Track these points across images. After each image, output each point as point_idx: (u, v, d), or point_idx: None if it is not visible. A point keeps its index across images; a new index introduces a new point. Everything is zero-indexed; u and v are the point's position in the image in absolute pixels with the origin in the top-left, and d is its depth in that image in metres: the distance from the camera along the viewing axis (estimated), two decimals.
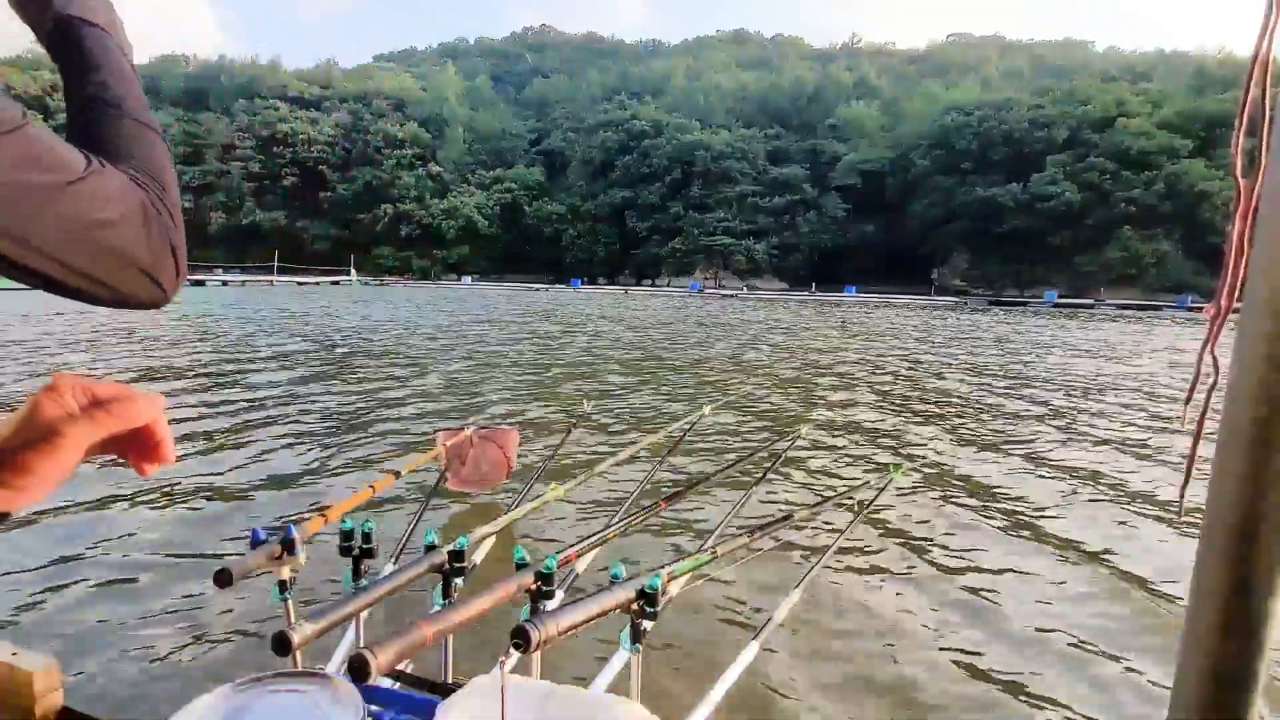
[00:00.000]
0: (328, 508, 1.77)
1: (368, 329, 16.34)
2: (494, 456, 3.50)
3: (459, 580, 1.45)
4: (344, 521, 1.48)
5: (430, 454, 3.21)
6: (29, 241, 0.49)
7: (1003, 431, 6.51)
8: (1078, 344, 17.27)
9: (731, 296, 52.30)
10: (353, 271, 59.56)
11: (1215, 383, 0.51)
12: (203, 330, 14.99)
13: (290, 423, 6.08)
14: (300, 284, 50.95)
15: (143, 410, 0.54)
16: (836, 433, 6.23)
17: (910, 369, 11.30)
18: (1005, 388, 9.44)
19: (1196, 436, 0.52)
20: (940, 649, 2.63)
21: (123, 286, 0.57)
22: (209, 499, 4.04)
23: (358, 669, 0.88)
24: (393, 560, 1.88)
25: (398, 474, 2.51)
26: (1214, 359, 0.51)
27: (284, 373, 9.07)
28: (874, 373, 10.72)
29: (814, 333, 19.01)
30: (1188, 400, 0.54)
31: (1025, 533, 3.86)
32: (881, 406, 7.69)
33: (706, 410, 4.26)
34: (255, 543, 1.36)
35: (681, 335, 16.98)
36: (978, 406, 7.84)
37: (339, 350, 11.90)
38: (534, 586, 1.25)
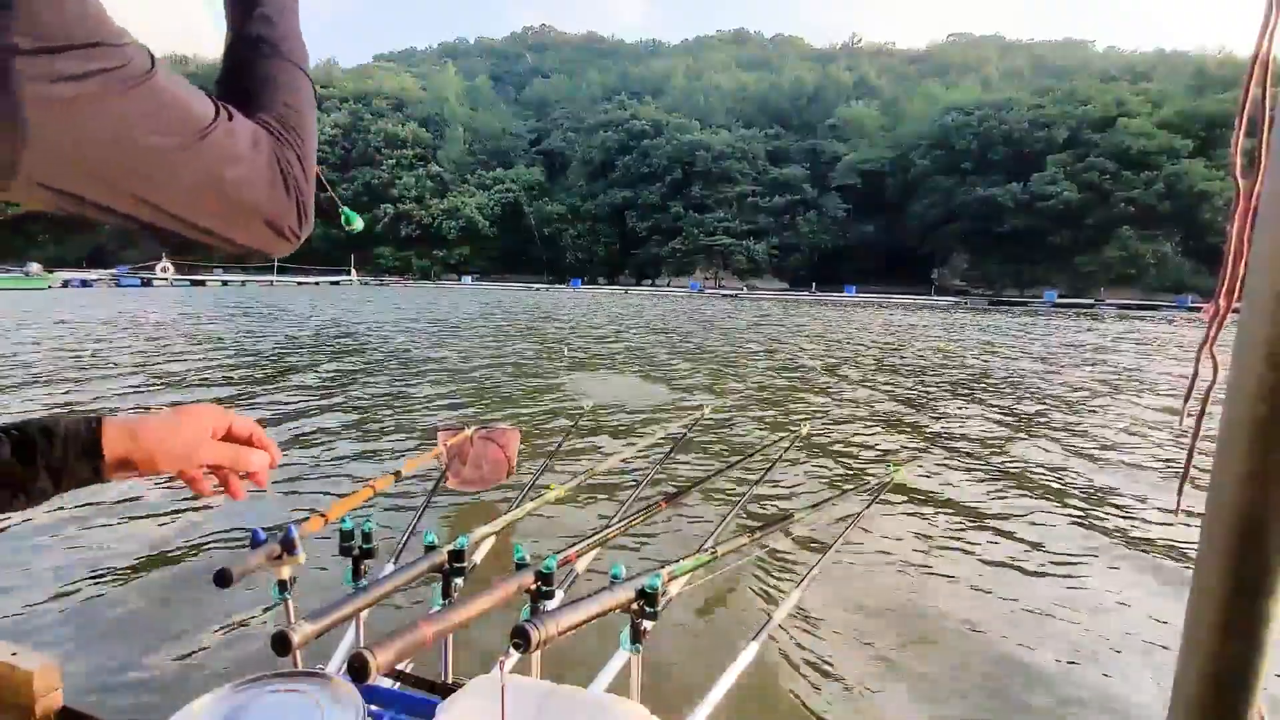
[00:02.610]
0: (328, 508, 1.77)
1: (365, 329, 16.35)
2: (494, 456, 3.50)
3: (459, 580, 1.45)
4: (344, 521, 1.48)
5: (431, 454, 3.21)
6: (150, 201, 0.48)
7: (1004, 431, 6.51)
8: (1077, 344, 17.28)
9: (732, 296, 52.32)
10: (353, 271, 59.59)
11: (1214, 383, 0.51)
12: (202, 330, 15.00)
13: (290, 422, 6.08)
14: (300, 284, 50.98)
15: (256, 461, 0.72)
16: (837, 433, 6.23)
17: (910, 369, 11.30)
18: (1006, 388, 9.44)
19: (1195, 436, 0.52)
20: (940, 649, 2.63)
21: (245, 240, 0.56)
22: (208, 498, 4.03)
23: (358, 669, 0.88)
24: (393, 560, 1.88)
25: (398, 474, 2.51)
26: (1213, 359, 0.51)
27: (282, 373, 9.07)
28: (874, 373, 10.72)
29: (813, 334, 19.02)
30: (1186, 400, 0.54)
31: (1026, 532, 3.86)
32: (882, 407, 7.70)
33: (707, 410, 4.26)
34: (255, 543, 1.36)
35: (683, 333, 16.98)
36: (979, 407, 7.84)
37: (335, 350, 11.90)
38: (534, 586, 1.25)
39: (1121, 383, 10.21)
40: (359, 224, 0.77)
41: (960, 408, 7.72)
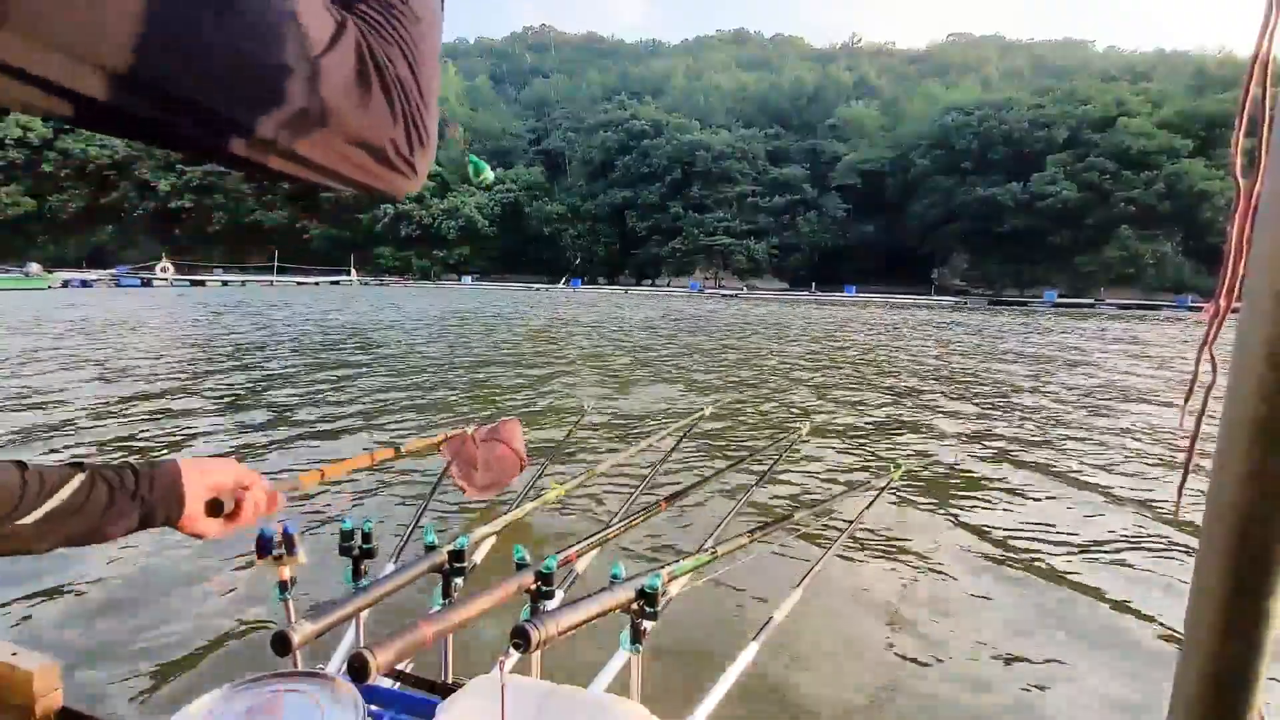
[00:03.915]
0: (326, 465, 1.75)
1: (362, 329, 16.35)
2: (503, 454, 3.42)
3: (459, 580, 1.45)
4: (344, 522, 1.48)
5: (432, 442, 3.18)
6: (254, 133, 0.37)
7: (1006, 431, 6.51)
8: (1078, 345, 17.28)
9: (732, 296, 52.32)
10: (352, 271, 59.57)
11: (1214, 383, 0.51)
12: (201, 331, 14.99)
13: (289, 420, 6.08)
14: (300, 284, 50.97)
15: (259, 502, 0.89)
16: (838, 432, 6.23)
17: (911, 370, 11.30)
18: (1008, 387, 9.44)
19: (1194, 437, 0.52)
20: (941, 649, 2.63)
21: (324, 159, 0.42)
22: None
23: (358, 669, 0.88)
24: (393, 560, 1.88)
25: (397, 449, 2.48)
26: (1213, 359, 0.51)
27: (281, 372, 9.08)
28: (876, 372, 10.72)
29: (813, 334, 19.02)
30: (1186, 400, 0.54)
31: (1027, 531, 3.86)
32: (883, 407, 7.69)
33: (707, 410, 4.27)
34: (262, 540, 1.36)
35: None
36: (981, 406, 7.84)
37: (332, 349, 11.90)
38: (534, 586, 1.25)
39: (1121, 383, 10.21)
40: (489, 175, 0.60)
41: (961, 408, 7.72)
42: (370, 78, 0.41)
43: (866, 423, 6.75)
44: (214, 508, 0.82)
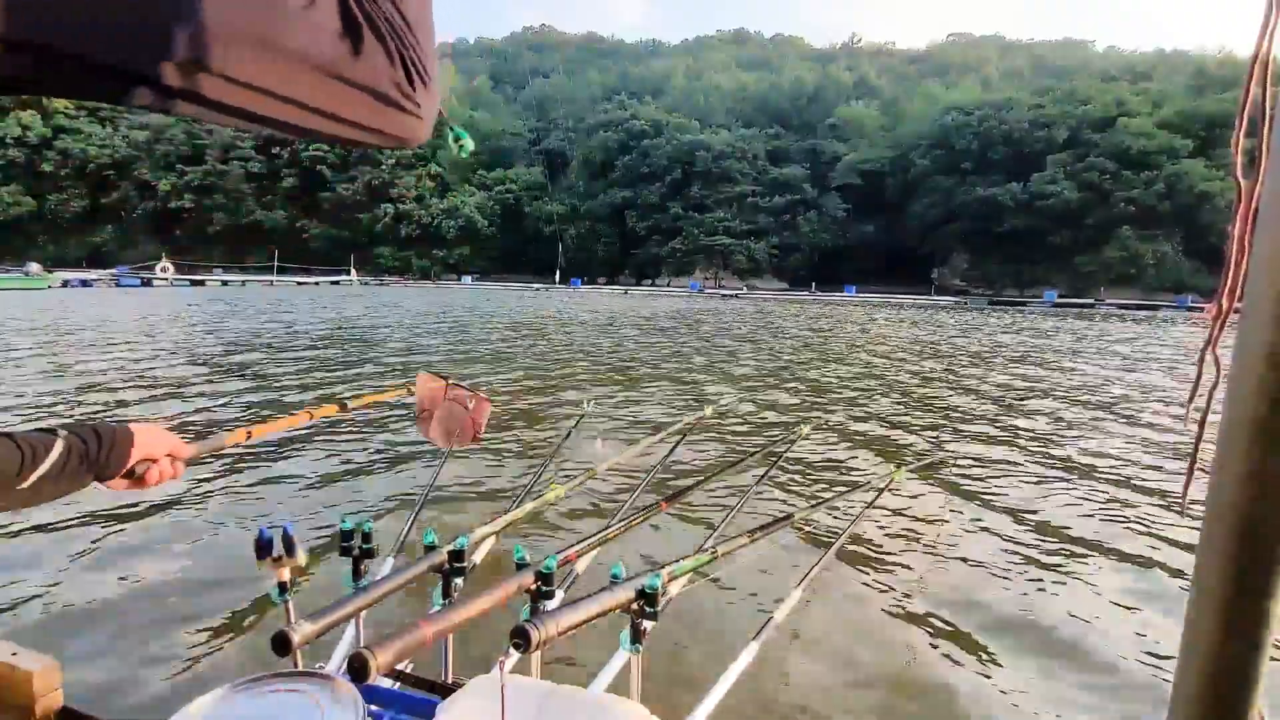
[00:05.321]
0: (254, 425, 1.72)
1: (359, 327, 16.34)
2: (462, 419, 3.40)
3: (459, 580, 1.45)
4: (344, 522, 1.48)
5: (406, 387, 3.16)
6: (249, 81, 0.37)
7: (1006, 432, 6.51)
8: (1079, 345, 17.28)
9: (732, 296, 52.32)
10: (352, 271, 59.58)
11: (1217, 383, 0.51)
12: (197, 330, 14.99)
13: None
14: (300, 284, 50.99)
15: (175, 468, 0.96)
16: (837, 433, 6.23)
17: (910, 370, 11.30)
18: (1007, 388, 9.44)
19: (1199, 437, 0.52)
20: (940, 649, 2.63)
21: (317, 100, 0.41)
22: (206, 498, 4.04)
23: (358, 669, 0.88)
24: (393, 560, 1.88)
25: (343, 405, 2.46)
26: (1215, 359, 0.51)
27: (278, 369, 9.07)
28: (875, 373, 10.72)
29: (813, 335, 19.01)
30: (1189, 401, 0.54)
31: (1028, 533, 3.86)
32: (882, 407, 7.69)
33: (707, 410, 4.26)
34: (261, 542, 1.36)
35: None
36: (981, 407, 7.84)
37: (327, 347, 11.90)
38: (534, 586, 1.25)
39: (1121, 383, 10.21)
40: (469, 143, 0.62)
41: (960, 407, 7.72)
42: (358, 24, 0.40)
43: (866, 423, 6.75)
44: (130, 470, 0.88)
